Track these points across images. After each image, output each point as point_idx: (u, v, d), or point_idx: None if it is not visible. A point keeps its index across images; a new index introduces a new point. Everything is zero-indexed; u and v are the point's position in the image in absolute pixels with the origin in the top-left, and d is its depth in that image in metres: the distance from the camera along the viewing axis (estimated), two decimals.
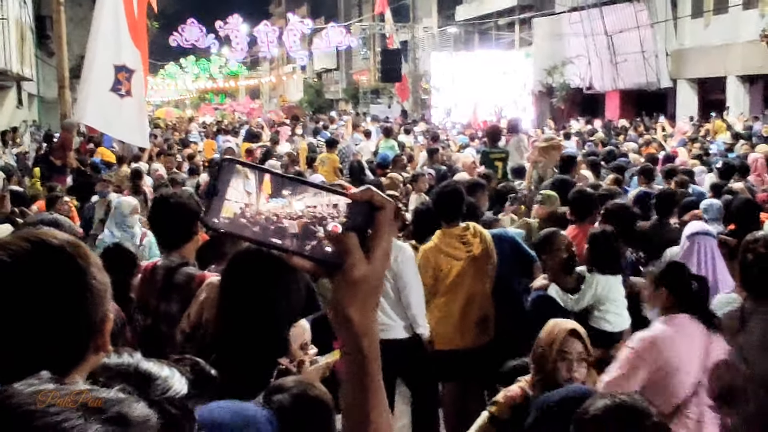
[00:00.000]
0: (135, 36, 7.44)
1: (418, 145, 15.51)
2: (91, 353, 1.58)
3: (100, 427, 0.74)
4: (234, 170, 1.03)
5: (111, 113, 7.39)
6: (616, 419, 2.11)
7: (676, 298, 4.13)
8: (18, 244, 1.55)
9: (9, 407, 0.74)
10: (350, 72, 44.53)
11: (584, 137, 17.44)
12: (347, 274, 1.03)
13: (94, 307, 1.56)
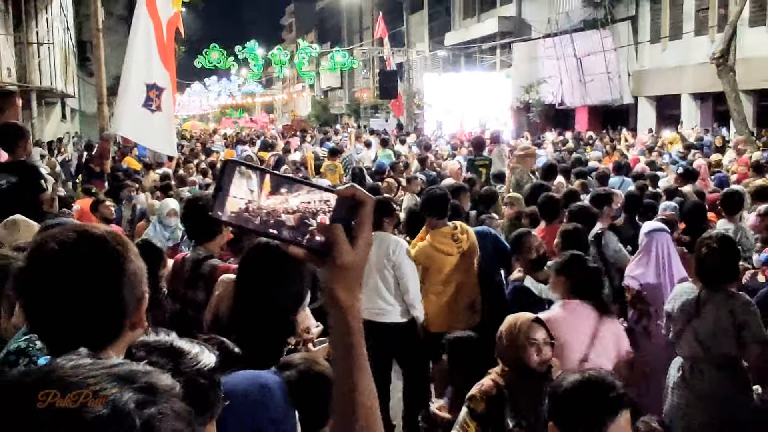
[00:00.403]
0: (164, 58, 7.44)
1: (412, 153, 15.46)
2: (128, 330, 1.59)
3: (132, 395, 0.74)
4: (235, 170, 1.04)
5: (143, 126, 7.38)
6: (585, 391, 2.11)
7: (572, 286, 4.24)
8: (65, 234, 1.57)
9: (52, 380, 0.75)
10: (353, 90, 44.53)
11: (557, 147, 17.42)
12: (335, 261, 1.05)
13: (130, 288, 1.57)
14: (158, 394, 0.78)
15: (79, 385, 0.73)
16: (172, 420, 0.77)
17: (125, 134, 7.59)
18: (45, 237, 1.60)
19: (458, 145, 17.61)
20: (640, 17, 25.39)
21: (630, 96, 25.97)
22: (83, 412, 0.70)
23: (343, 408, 1.14)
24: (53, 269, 1.53)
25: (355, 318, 1.09)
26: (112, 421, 0.71)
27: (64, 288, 1.51)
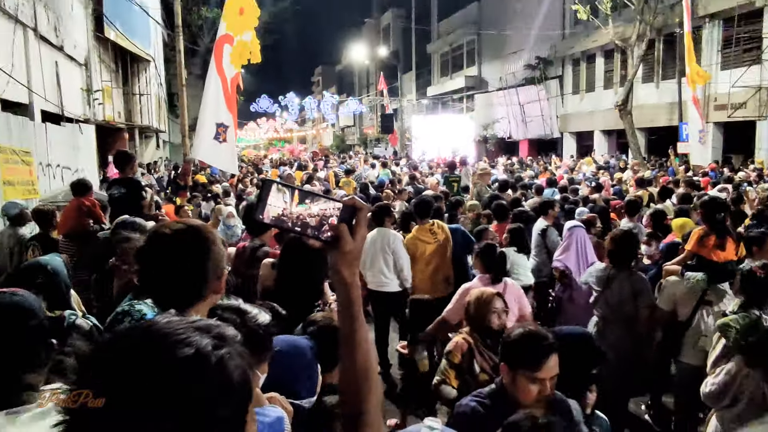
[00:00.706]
0: (229, 104, 7.42)
1: (403, 172, 15.46)
2: (211, 293, 1.65)
3: (209, 341, 0.78)
4: (272, 187, 1.11)
5: (214, 153, 7.37)
6: (526, 340, 2.11)
7: (485, 266, 4.34)
8: (176, 225, 1.68)
9: (152, 332, 0.78)
10: (362, 127, 44.44)
11: (506, 168, 17.41)
12: (341, 249, 1.10)
13: (215, 263, 1.64)
14: (226, 340, 0.81)
15: (172, 334, 0.76)
16: (236, 358, 0.79)
17: (202, 159, 7.58)
18: (160, 226, 1.71)
19: (435, 166, 17.63)
20: (565, 76, 25.36)
21: (558, 132, 25.91)
22: (177, 351, 0.74)
23: (346, 347, 1.17)
24: (165, 247, 1.61)
25: (353, 286, 1.14)
26: (196, 357, 0.74)
27: (170, 261, 1.60)
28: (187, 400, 0.72)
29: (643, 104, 19.85)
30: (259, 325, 1.77)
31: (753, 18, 16.41)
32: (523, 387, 2.06)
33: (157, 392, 0.71)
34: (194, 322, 0.82)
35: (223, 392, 0.76)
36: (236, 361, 0.79)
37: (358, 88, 47.44)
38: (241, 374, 0.79)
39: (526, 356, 2.08)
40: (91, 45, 12.97)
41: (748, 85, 16.19)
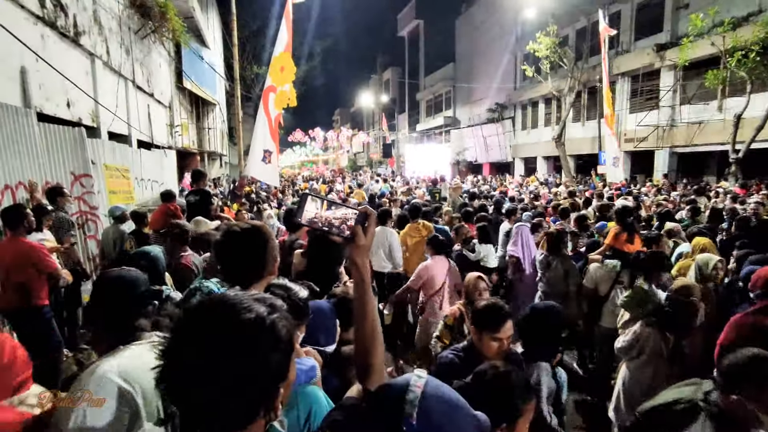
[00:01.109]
0: (273, 136, 7.37)
1: (398, 186, 15.43)
2: (268, 274, 1.65)
3: (264, 308, 0.81)
4: (308, 198, 1.14)
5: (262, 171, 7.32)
6: (488, 309, 2.11)
7: (434, 250, 4.35)
8: (243, 225, 1.71)
9: (225, 301, 0.80)
10: (369, 153, 44.37)
11: (473, 184, 17.36)
12: (356, 243, 1.14)
13: (272, 252, 1.68)
14: (276, 308, 0.84)
15: (239, 303, 0.80)
16: (283, 320, 0.82)
17: (253, 175, 7.56)
18: (232, 225, 1.72)
19: (422, 181, 17.55)
20: (516, 117, 25.30)
21: (511, 157, 25.82)
22: (242, 314, 0.78)
23: (359, 314, 1.18)
24: (237, 241, 1.61)
25: (365, 272, 1.17)
26: (255, 320, 0.78)
27: (240, 251, 1.61)
28: (250, 349, 0.76)
29: (572, 138, 19.77)
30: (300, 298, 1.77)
31: (652, 76, 16.40)
32: (487, 344, 2.06)
33: (229, 343, 0.75)
34: (253, 295, 0.85)
35: (274, 344, 0.79)
36: (283, 322, 0.82)
37: (366, 125, 47.45)
38: (286, 332, 0.82)
39: (489, 321, 2.08)
40: (173, 92, 12.96)
41: (649, 124, 16.17)
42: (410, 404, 0.88)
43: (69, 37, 6.48)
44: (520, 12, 21.10)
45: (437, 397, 0.93)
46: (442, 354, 2.21)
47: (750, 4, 13.22)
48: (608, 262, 4.16)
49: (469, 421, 0.95)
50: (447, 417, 0.92)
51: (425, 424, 0.87)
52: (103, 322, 1.54)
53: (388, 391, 0.93)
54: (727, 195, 8.45)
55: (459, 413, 0.95)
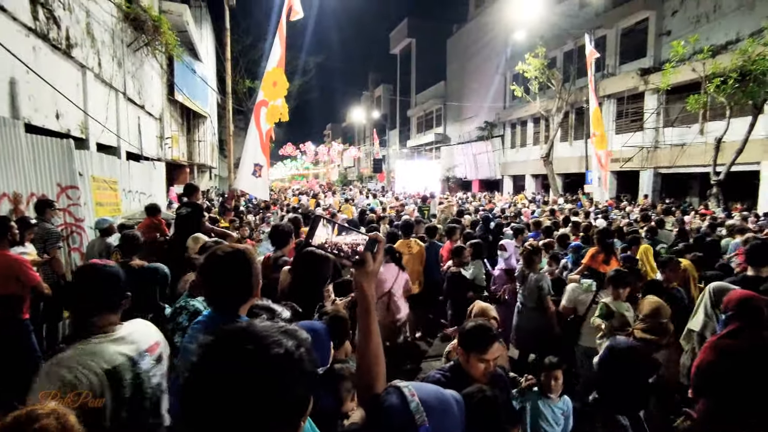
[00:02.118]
0: (264, 150, 7.39)
1: (388, 201, 15.46)
2: (253, 297, 1.64)
3: (292, 343, 0.81)
4: (320, 222, 1.13)
5: (252, 184, 7.31)
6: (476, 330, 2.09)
7: (390, 257, 4.53)
8: (225, 248, 1.68)
9: (254, 334, 0.80)
10: (360, 168, 44.49)
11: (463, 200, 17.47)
12: (365, 269, 1.14)
13: (256, 276, 1.65)
14: (302, 342, 0.83)
15: (266, 335, 0.79)
16: (309, 355, 0.82)
17: (243, 189, 7.56)
18: (215, 249, 1.69)
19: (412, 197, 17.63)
20: (505, 135, 25.64)
21: (500, 175, 26.09)
22: (269, 349, 0.77)
23: (363, 337, 1.18)
24: (219, 265, 1.58)
25: (371, 296, 1.17)
26: (285, 355, 0.78)
27: (223, 274, 1.58)
28: (279, 385, 0.76)
29: (560, 157, 20.11)
30: (284, 319, 1.78)
31: (637, 98, 16.83)
32: (474, 365, 2.05)
33: (257, 379, 0.74)
34: (281, 327, 0.84)
35: (301, 379, 0.79)
36: (309, 356, 0.82)
37: (358, 140, 47.74)
38: (312, 366, 0.83)
39: (476, 342, 2.06)
40: (164, 105, 12.96)
41: (634, 145, 16.53)
42: (417, 412, 0.98)
43: (61, 49, 6.50)
44: (510, 34, 21.64)
45: (428, 395, 1.04)
46: (429, 373, 2.20)
47: (728, 33, 13.74)
48: (584, 281, 4.23)
49: (452, 402, 1.08)
50: (442, 407, 1.05)
51: (434, 421, 0.98)
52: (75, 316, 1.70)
53: (392, 409, 1.00)
54: (704, 217, 8.70)
55: (445, 398, 1.08)
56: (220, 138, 23.43)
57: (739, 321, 2.37)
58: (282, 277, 3.37)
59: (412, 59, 37.73)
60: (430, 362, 5.23)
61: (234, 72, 17.34)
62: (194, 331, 1.53)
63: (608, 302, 3.33)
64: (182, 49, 13.14)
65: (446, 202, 11.72)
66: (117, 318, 1.66)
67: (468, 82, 28.91)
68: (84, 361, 1.44)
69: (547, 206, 13.66)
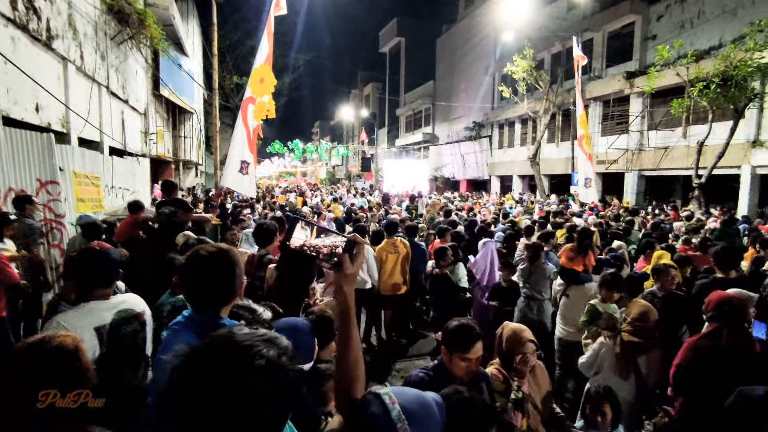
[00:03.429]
0: (251, 147, 7.34)
1: (376, 200, 15.46)
2: (235, 297, 1.61)
3: (275, 352, 0.79)
4: (297, 224, 1.12)
5: (239, 182, 7.26)
6: (459, 329, 2.09)
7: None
8: (210, 248, 1.63)
9: (236, 344, 0.78)
10: (348, 166, 44.37)
11: (450, 200, 17.55)
12: (343, 271, 1.13)
13: (239, 276, 1.61)
14: (285, 350, 0.82)
15: (249, 345, 0.78)
16: (291, 362, 0.81)
17: (230, 186, 7.49)
18: (198, 248, 1.65)
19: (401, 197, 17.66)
20: (493, 135, 25.81)
21: (487, 175, 26.25)
22: (252, 360, 0.76)
23: (342, 341, 1.18)
24: (200, 265, 1.55)
25: (350, 298, 1.16)
26: (268, 366, 0.76)
27: (205, 276, 1.55)
28: (262, 396, 0.74)
29: (547, 158, 20.33)
30: (264, 319, 1.77)
31: (623, 101, 17.09)
32: (457, 364, 2.06)
33: (240, 391, 0.73)
34: (263, 335, 0.82)
35: (283, 388, 0.78)
36: (292, 365, 0.81)
37: (346, 138, 47.59)
38: (296, 375, 0.81)
39: (459, 342, 2.06)
40: (149, 99, 12.76)
41: (619, 147, 16.79)
42: (399, 420, 0.97)
43: (41, 40, 6.35)
44: (498, 35, 21.80)
45: (409, 401, 1.03)
46: (412, 372, 2.21)
47: (712, 38, 14.03)
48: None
49: (433, 405, 1.08)
50: (424, 411, 1.04)
51: (417, 427, 0.98)
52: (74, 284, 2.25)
53: (373, 418, 0.99)
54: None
55: (426, 402, 1.08)
56: (206, 134, 23.16)
57: (718, 322, 2.43)
58: (268, 275, 3.36)
59: (401, 58, 37.76)
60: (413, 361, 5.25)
61: (221, 68, 17.16)
62: (173, 332, 1.50)
63: (596, 303, 3.38)
64: (168, 43, 12.95)
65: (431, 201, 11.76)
66: (111, 290, 2.15)
67: (457, 82, 29.04)
68: (78, 322, 1.93)
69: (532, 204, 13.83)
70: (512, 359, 2.30)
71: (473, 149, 26.68)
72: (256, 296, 2.66)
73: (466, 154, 27.22)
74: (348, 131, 49.62)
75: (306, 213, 10.10)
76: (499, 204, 15.24)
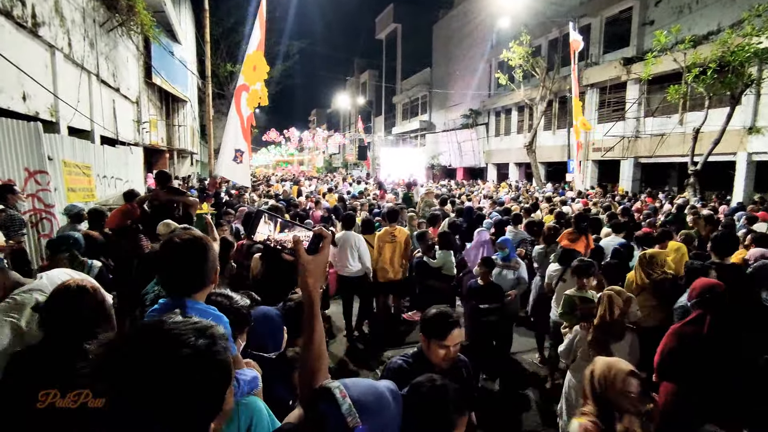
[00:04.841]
0: (245, 135, 7.27)
1: (372, 187, 15.42)
2: (210, 284, 1.61)
3: (203, 341, 0.78)
4: (261, 217, 1.11)
5: (232, 171, 7.20)
6: (437, 316, 2.10)
7: None
8: (181, 235, 1.62)
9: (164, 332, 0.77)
10: (345, 154, 44.09)
11: (447, 188, 17.52)
12: (300, 263, 1.13)
13: (212, 263, 1.60)
14: (217, 339, 0.81)
15: (176, 334, 0.77)
16: (222, 353, 0.80)
17: (224, 175, 7.44)
18: (172, 236, 1.64)
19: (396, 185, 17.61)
20: (490, 123, 25.71)
21: (484, 162, 26.20)
22: (180, 349, 0.75)
23: (307, 338, 1.16)
24: (176, 253, 1.54)
25: (314, 290, 1.15)
26: (194, 356, 0.75)
27: (178, 262, 1.54)
28: (186, 384, 0.74)
29: (543, 145, 20.27)
30: (242, 306, 1.76)
31: (619, 88, 16.99)
32: (435, 351, 2.06)
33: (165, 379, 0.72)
34: (195, 323, 0.81)
35: (212, 379, 0.77)
36: (223, 355, 0.80)
37: (343, 126, 47.33)
38: (225, 364, 0.80)
39: (436, 329, 2.07)
40: (141, 87, 12.61)
41: (615, 135, 16.73)
42: (350, 414, 0.94)
43: (26, 27, 6.23)
44: (495, 21, 21.54)
45: (361, 393, 1.01)
46: (392, 359, 2.21)
47: (710, 24, 13.89)
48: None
49: (387, 395, 1.07)
50: (378, 402, 1.02)
51: (370, 419, 0.95)
52: None
53: (324, 411, 0.96)
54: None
55: (379, 392, 1.06)
56: (200, 123, 22.96)
57: (701, 308, 2.43)
58: (253, 264, 3.36)
59: (397, 45, 37.38)
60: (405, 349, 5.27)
61: (214, 55, 16.96)
62: (149, 318, 1.50)
63: (572, 294, 3.38)
64: (159, 30, 12.75)
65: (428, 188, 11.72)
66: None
67: (453, 69, 28.79)
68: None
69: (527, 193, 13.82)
70: (613, 406, 1.83)
71: (470, 137, 26.57)
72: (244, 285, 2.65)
73: (463, 142, 27.11)
74: (345, 119, 49.29)
75: (301, 202, 10.06)
76: (493, 191, 15.20)
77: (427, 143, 31.02)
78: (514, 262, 4.75)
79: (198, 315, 1.27)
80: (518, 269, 4.72)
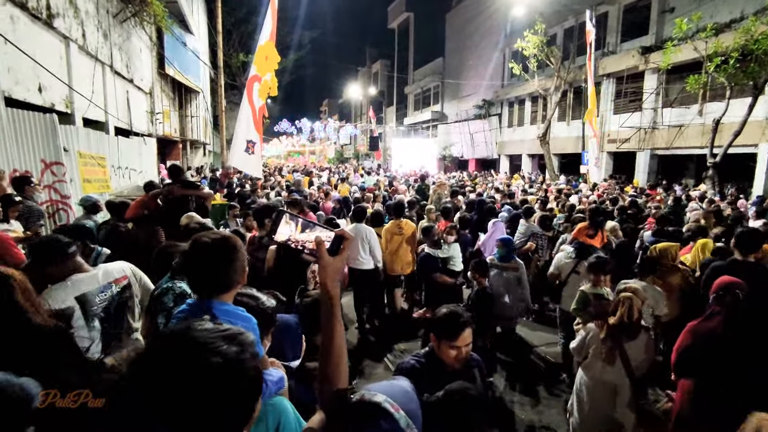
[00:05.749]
0: (257, 126, 7.30)
1: (383, 180, 15.38)
2: (238, 284, 1.61)
3: (233, 349, 0.77)
4: (283, 217, 1.10)
5: (244, 161, 7.25)
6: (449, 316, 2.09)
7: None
8: (210, 235, 1.63)
9: (193, 340, 0.76)
10: (356, 145, 44.02)
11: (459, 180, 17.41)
12: (320, 264, 1.11)
13: (241, 263, 1.60)
14: (245, 346, 0.80)
15: (204, 342, 0.76)
16: (251, 360, 0.79)
17: (236, 165, 7.49)
18: (200, 235, 1.65)
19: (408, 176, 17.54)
20: (503, 114, 25.38)
21: (496, 154, 25.93)
22: (209, 358, 0.74)
23: (326, 334, 1.15)
24: (205, 253, 1.55)
25: (333, 289, 1.14)
26: (224, 364, 0.74)
27: (207, 261, 1.55)
28: (216, 393, 0.73)
29: (557, 137, 19.97)
30: (268, 307, 1.77)
31: (636, 78, 16.62)
32: (446, 352, 2.05)
33: (194, 389, 0.71)
34: (224, 330, 0.80)
35: (241, 386, 0.77)
36: (252, 362, 0.79)
37: (354, 117, 47.18)
38: (255, 371, 0.80)
39: (447, 330, 2.05)
40: (154, 78, 12.69)
41: (631, 126, 16.40)
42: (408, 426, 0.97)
43: (41, 19, 6.29)
44: (509, 9, 21.14)
45: (404, 402, 1.03)
46: (405, 359, 2.19)
47: (733, 11, 13.46)
48: (565, 247, 4.44)
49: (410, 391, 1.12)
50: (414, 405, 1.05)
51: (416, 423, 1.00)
52: None
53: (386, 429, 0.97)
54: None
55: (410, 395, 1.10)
56: (213, 113, 23.08)
57: (718, 305, 2.38)
58: (268, 256, 3.37)
59: (410, 34, 36.97)
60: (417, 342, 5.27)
61: (227, 45, 16.97)
62: (177, 321, 1.52)
63: (586, 290, 3.33)
64: (172, 20, 12.79)
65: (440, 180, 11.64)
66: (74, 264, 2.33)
67: (466, 58, 28.41)
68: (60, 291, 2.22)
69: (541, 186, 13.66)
70: None
71: (482, 128, 26.29)
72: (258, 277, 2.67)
73: (475, 133, 26.84)
74: (356, 109, 49.11)
75: (311, 192, 10.07)
76: (506, 184, 15.08)
77: (438, 134, 30.78)
78: (514, 263, 4.46)
79: (226, 317, 1.28)
80: (518, 270, 4.45)
